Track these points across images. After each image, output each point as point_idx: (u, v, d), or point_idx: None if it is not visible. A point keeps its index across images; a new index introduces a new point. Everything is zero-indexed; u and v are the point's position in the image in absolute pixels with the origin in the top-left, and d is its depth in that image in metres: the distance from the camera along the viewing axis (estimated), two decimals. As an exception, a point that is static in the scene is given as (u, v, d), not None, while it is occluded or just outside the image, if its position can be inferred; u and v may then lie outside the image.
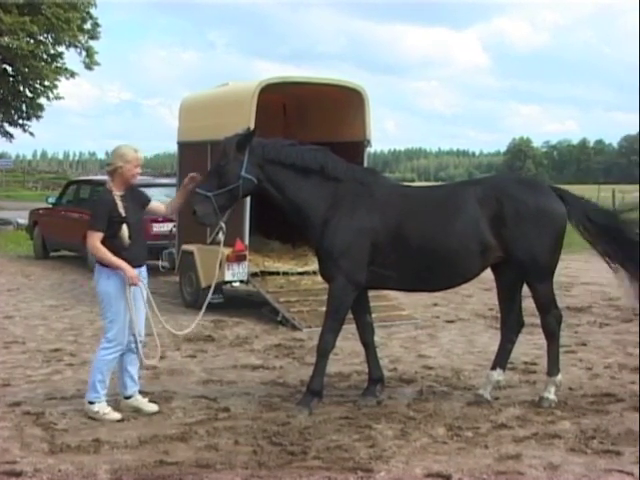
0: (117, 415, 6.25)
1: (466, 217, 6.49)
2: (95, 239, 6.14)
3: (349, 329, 9.91)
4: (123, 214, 6.18)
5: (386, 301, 10.89)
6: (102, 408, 6.24)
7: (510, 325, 6.97)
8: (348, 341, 9.35)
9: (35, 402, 6.59)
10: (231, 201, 6.58)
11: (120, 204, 6.19)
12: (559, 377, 6.77)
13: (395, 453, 5.51)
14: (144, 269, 6.45)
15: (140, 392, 6.54)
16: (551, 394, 6.68)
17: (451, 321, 10.73)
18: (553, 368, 6.78)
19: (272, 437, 5.78)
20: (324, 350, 6.62)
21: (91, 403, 6.25)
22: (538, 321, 10.42)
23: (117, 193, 6.23)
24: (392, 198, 6.68)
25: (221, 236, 6.80)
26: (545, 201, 6.60)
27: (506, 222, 6.47)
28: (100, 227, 6.13)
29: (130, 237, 6.19)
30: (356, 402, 6.74)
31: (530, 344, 9.18)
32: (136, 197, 6.43)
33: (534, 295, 6.79)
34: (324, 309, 10.00)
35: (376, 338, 9.44)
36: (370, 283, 6.73)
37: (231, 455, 5.44)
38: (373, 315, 10.37)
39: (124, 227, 6.17)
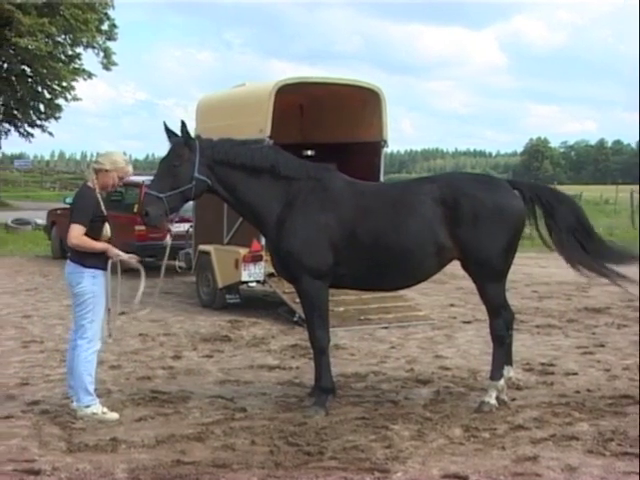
0: (115, 415, 6.22)
1: (421, 216, 6.37)
2: (80, 232, 6.08)
3: (366, 329, 9.97)
4: (105, 213, 6.22)
5: (403, 302, 10.89)
6: (99, 409, 6.22)
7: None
8: (365, 342, 9.35)
9: (53, 401, 6.62)
10: (182, 202, 6.57)
11: (101, 203, 6.21)
12: (501, 382, 6.60)
13: (412, 454, 5.49)
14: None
15: (157, 392, 6.51)
16: (492, 399, 6.51)
17: (468, 322, 10.68)
18: (496, 372, 6.61)
19: (289, 437, 5.78)
20: (320, 347, 6.57)
21: (87, 407, 6.19)
22: (555, 322, 10.59)
23: (98, 192, 6.23)
24: (347, 195, 6.57)
25: (167, 250, 6.90)
26: (503, 199, 6.44)
27: (462, 222, 6.33)
28: (85, 222, 6.10)
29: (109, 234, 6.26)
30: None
31: (547, 345, 9.15)
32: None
33: (484, 297, 6.64)
34: (340, 309, 10.14)
35: (393, 338, 9.51)
36: None
37: (248, 455, 5.45)
38: (390, 315, 10.49)
39: (107, 225, 6.23)
